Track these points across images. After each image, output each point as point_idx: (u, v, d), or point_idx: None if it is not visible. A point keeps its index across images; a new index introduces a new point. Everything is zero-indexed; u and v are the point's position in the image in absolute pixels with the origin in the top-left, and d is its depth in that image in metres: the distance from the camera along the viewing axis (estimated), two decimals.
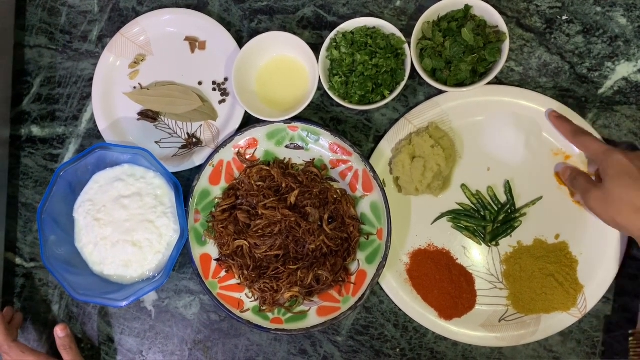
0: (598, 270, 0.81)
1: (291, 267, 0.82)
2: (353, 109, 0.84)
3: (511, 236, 0.84)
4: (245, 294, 0.85)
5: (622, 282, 0.82)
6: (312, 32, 0.90)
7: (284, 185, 0.85)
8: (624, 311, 0.82)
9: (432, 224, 0.85)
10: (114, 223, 0.84)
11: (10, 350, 0.82)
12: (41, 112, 0.95)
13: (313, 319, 0.83)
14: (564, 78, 0.85)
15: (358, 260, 0.84)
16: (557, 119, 0.81)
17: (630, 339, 0.74)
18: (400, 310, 0.85)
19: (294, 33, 0.85)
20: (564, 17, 0.85)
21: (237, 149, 0.87)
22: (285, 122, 0.84)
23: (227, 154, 0.86)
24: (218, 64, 0.90)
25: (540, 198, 0.83)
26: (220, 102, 0.90)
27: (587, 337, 0.83)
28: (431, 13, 0.81)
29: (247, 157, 0.87)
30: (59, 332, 0.85)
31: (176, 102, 0.89)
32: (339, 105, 0.86)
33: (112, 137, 0.91)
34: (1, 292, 0.91)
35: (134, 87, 0.92)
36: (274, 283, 0.82)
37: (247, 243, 0.83)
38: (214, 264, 0.86)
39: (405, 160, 0.83)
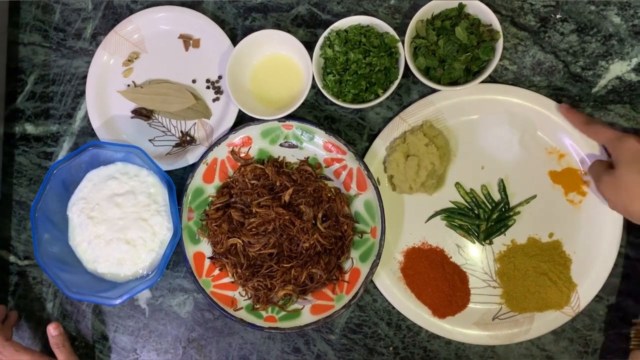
0: (592, 269, 0.81)
1: (285, 265, 0.82)
2: (347, 107, 0.84)
3: (505, 235, 0.84)
4: (239, 292, 0.85)
5: (615, 281, 0.83)
6: (306, 30, 0.90)
7: (278, 184, 0.85)
8: (616, 310, 0.83)
9: (426, 222, 0.86)
10: (108, 221, 0.84)
11: (4, 349, 0.83)
12: (35, 110, 0.95)
13: (306, 317, 0.83)
14: (557, 77, 0.85)
15: (352, 259, 0.84)
16: (568, 111, 0.80)
17: (632, 328, 0.75)
18: (393, 308, 0.85)
19: (288, 31, 0.85)
20: (558, 16, 0.85)
21: (231, 147, 0.87)
22: (279, 120, 0.84)
23: (221, 152, 0.86)
24: (212, 62, 0.90)
25: (534, 197, 0.83)
26: (214, 100, 0.90)
27: (579, 336, 0.83)
28: (425, 11, 0.81)
29: (241, 155, 0.87)
30: (52, 330, 0.85)
31: (170, 100, 0.89)
32: (332, 103, 0.86)
33: (105, 135, 0.90)
34: None
35: (128, 85, 0.92)
36: (268, 281, 0.82)
37: (240, 241, 0.83)
38: (207, 262, 0.86)
39: (400, 158, 0.83)
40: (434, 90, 0.85)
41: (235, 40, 0.88)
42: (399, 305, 0.84)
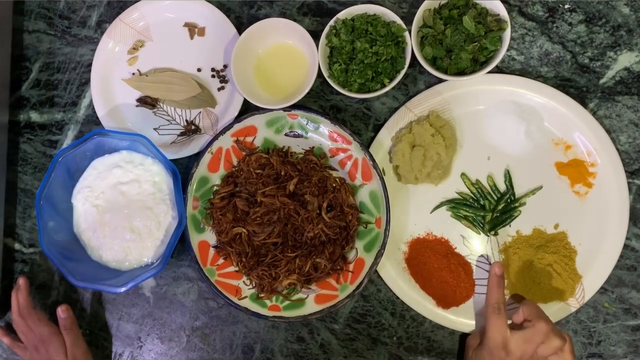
0: (597, 261, 0.81)
1: (289, 254, 0.82)
2: (353, 97, 0.84)
3: (510, 226, 0.84)
4: (243, 281, 0.85)
5: (620, 272, 0.82)
6: (312, 18, 0.89)
7: (283, 173, 0.85)
8: (621, 302, 0.82)
9: (431, 212, 0.85)
10: (113, 209, 0.84)
11: (28, 315, 0.84)
12: (40, 98, 0.95)
13: (311, 306, 0.83)
14: (565, 67, 0.84)
15: (356, 249, 0.84)
16: (495, 278, 0.78)
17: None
18: (397, 298, 0.85)
19: (294, 20, 0.84)
20: (566, 6, 0.84)
21: (236, 137, 0.86)
22: (284, 109, 0.84)
23: (226, 142, 0.86)
24: (217, 50, 0.90)
25: (540, 188, 0.83)
26: (219, 89, 0.90)
27: (583, 327, 0.83)
28: (432, 0, 0.80)
29: (246, 144, 0.87)
30: (61, 313, 0.85)
31: (175, 88, 0.89)
32: (338, 93, 0.86)
33: (110, 124, 0.90)
34: (0, 278, 0.91)
35: (133, 73, 0.92)
36: (272, 270, 0.82)
37: (245, 230, 0.83)
38: (212, 251, 0.86)
39: (405, 148, 0.82)
40: (440, 80, 0.84)
41: (240, 29, 0.88)
42: (403, 295, 0.84)
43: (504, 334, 0.74)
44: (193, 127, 0.90)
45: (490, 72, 0.80)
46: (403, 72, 0.81)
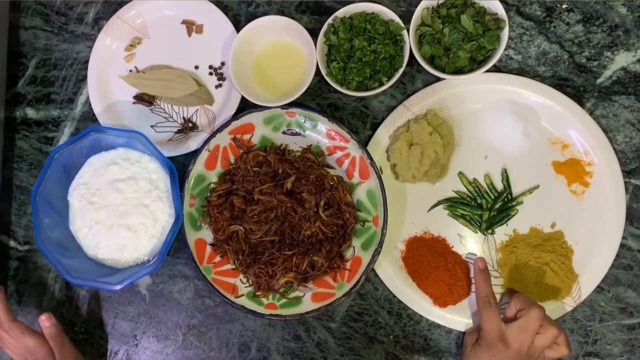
0: (593, 260, 0.82)
1: (286, 252, 0.82)
2: (350, 95, 0.84)
3: (507, 225, 0.84)
4: (240, 279, 0.85)
5: (616, 272, 0.83)
6: (311, 16, 0.89)
7: (280, 171, 0.84)
8: (617, 301, 0.83)
9: (428, 211, 0.85)
10: (109, 207, 0.84)
11: (10, 329, 0.81)
12: (36, 95, 0.94)
13: (307, 304, 0.83)
14: (562, 67, 0.84)
15: (353, 247, 0.84)
16: (480, 273, 0.79)
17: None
18: (394, 297, 0.85)
19: (293, 17, 0.84)
20: (564, 6, 0.84)
21: (233, 134, 0.86)
22: (282, 107, 0.84)
23: (223, 139, 0.86)
24: (215, 48, 0.90)
25: (537, 187, 0.83)
26: (217, 86, 0.90)
27: (580, 327, 0.83)
28: None
29: (244, 142, 0.87)
30: (45, 322, 0.81)
31: (172, 86, 0.89)
32: (336, 91, 0.86)
33: (107, 121, 0.90)
34: None
35: (130, 70, 0.91)
36: (269, 268, 0.82)
37: (242, 228, 0.83)
38: (208, 249, 0.86)
39: (403, 147, 0.82)
40: (438, 79, 0.84)
41: (238, 27, 0.87)
42: (400, 294, 0.84)
43: (499, 326, 0.74)
44: (190, 124, 0.90)
45: (487, 71, 0.81)
46: (401, 70, 0.81)
